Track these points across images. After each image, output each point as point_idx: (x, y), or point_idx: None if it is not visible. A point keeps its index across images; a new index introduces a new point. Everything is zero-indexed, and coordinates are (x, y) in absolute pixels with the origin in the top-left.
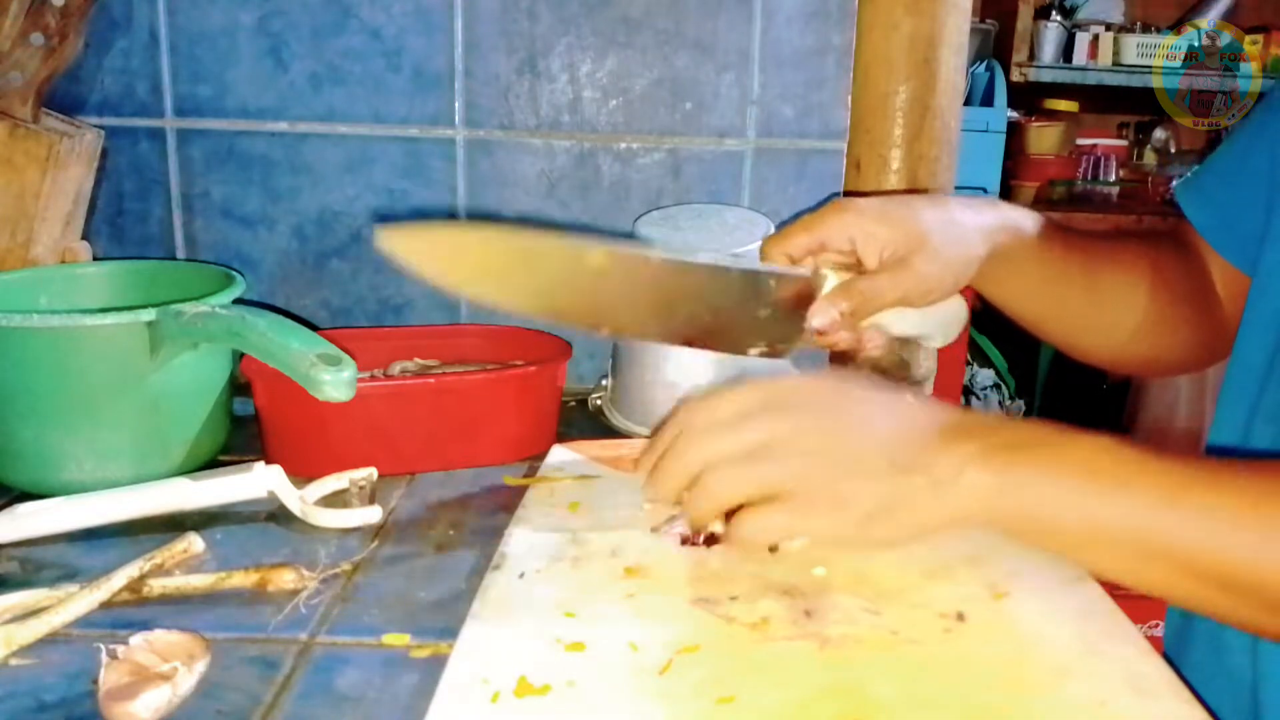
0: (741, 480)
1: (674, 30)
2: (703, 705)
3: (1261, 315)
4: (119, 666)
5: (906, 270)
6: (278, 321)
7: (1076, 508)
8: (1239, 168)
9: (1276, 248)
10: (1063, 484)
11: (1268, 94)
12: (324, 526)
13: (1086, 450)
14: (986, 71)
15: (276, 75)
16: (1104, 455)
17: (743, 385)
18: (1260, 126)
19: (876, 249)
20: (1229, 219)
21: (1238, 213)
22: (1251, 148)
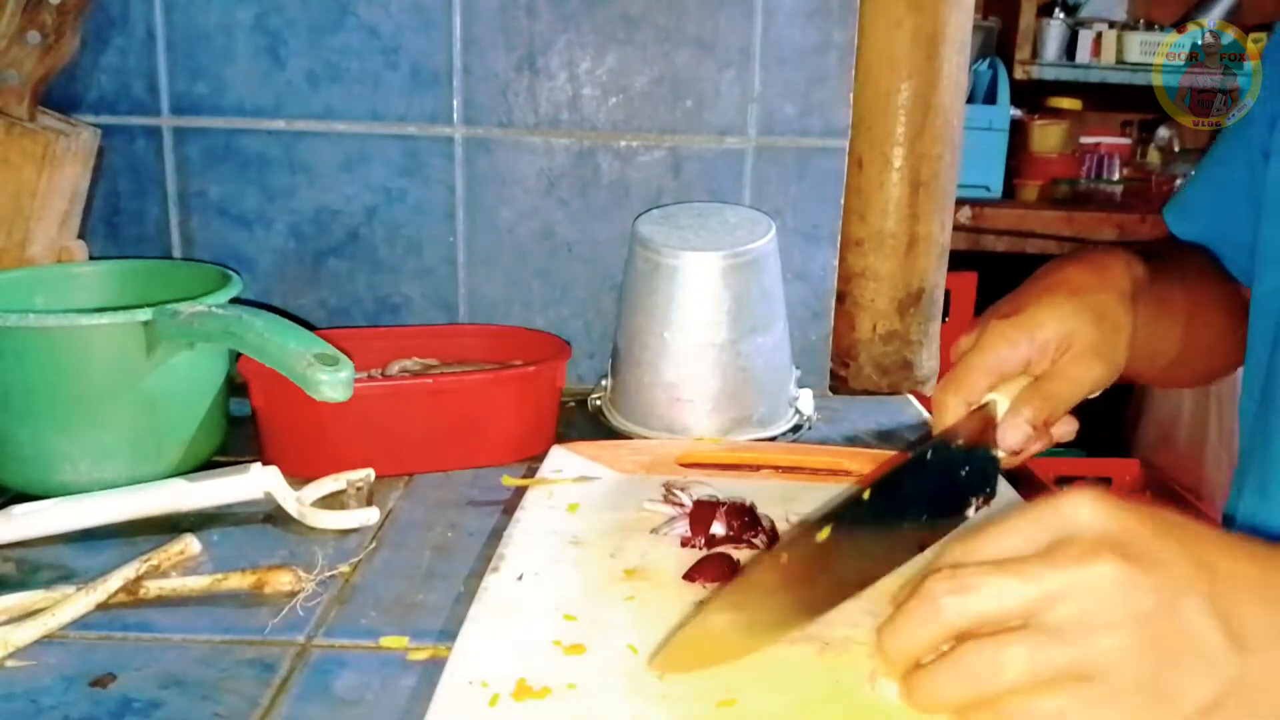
0: (1017, 663)
1: (674, 27)
2: (703, 708)
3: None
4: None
5: (1091, 359)
6: (274, 321)
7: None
8: (1222, 181)
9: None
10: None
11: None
12: (321, 528)
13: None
14: (989, 69)
15: (273, 73)
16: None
17: (1014, 518)
18: (1238, 139)
19: (1049, 357)
20: (1218, 235)
21: (1226, 227)
22: (1230, 158)
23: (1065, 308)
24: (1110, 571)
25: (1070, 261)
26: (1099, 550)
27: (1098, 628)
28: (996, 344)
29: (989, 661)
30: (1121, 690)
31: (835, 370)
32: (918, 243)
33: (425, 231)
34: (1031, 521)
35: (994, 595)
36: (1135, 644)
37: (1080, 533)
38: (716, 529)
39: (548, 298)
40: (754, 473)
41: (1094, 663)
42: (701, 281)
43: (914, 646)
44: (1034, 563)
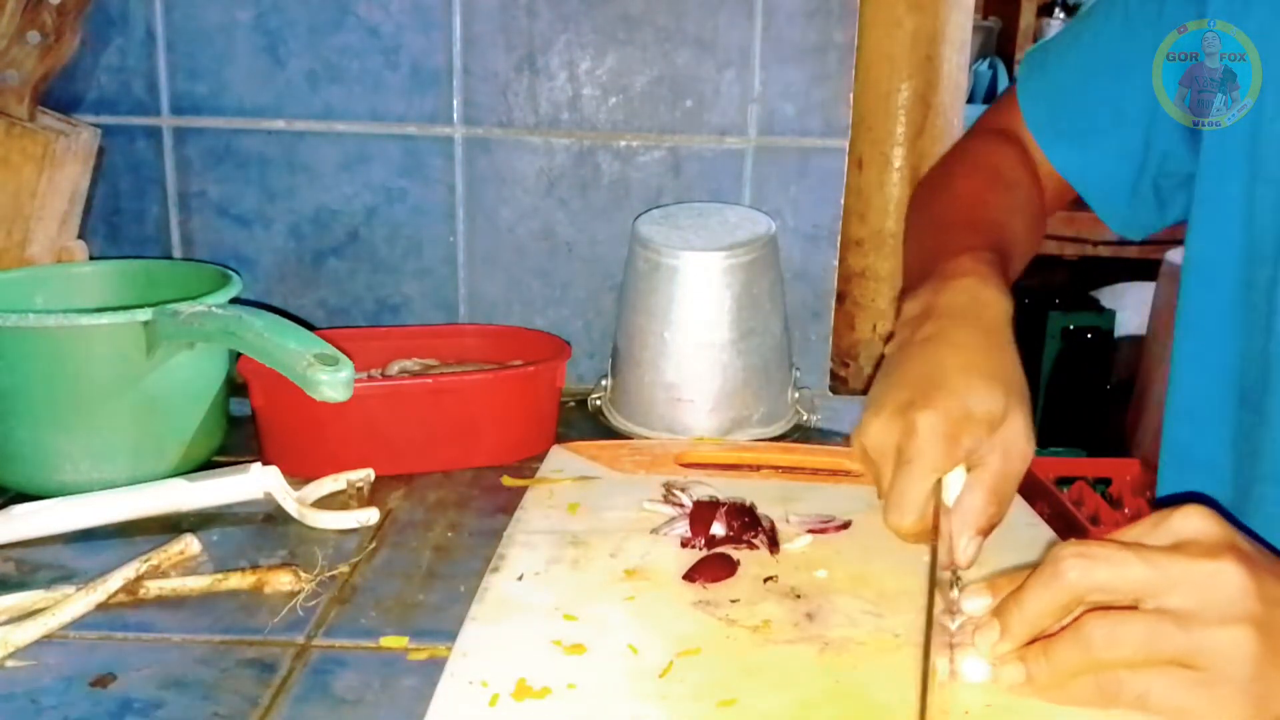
0: (1134, 640)
1: (674, 27)
2: (703, 708)
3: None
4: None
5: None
6: (274, 321)
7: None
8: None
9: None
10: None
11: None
12: (321, 528)
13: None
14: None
15: (274, 73)
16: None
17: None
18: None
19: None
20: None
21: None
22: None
23: (984, 387)
24: (1231, 570)
25: (949, 322)
26: (1220, 550)
27: (1213, 620)
28: (936, 445)
29: (1109, 633)
30: (1220, 682)
31: (835, 370)
32: None
33: (425, 231)
34: (1149, 529)
35: (1118, 568)
36: (1244, 642)
37: (1197, 536)
38: (716, 529)
39: (548, 298)
40: (754, 473)
41: (1202, 652)
42: (701, 281)
43: (1039, 613)
44: (1159, 550)
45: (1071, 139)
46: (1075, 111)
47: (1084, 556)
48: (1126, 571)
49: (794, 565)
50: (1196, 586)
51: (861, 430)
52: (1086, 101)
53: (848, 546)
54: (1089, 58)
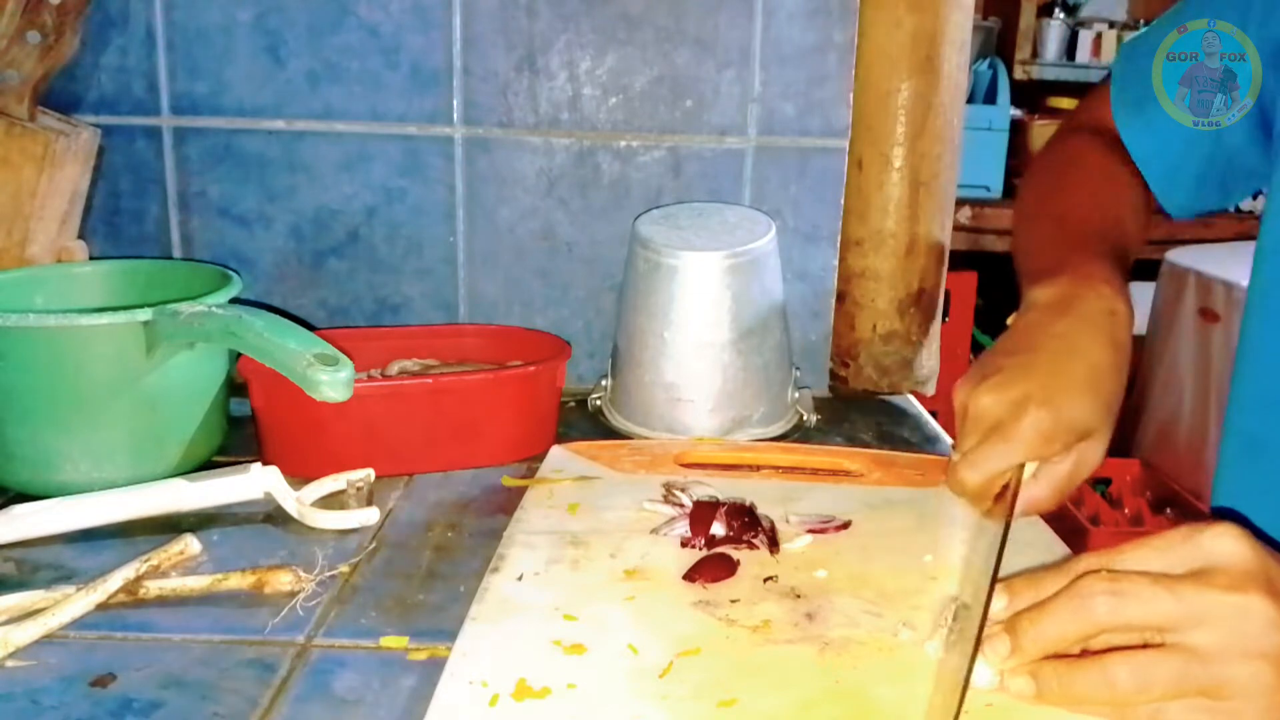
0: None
1: (674, 27)
2: (703, 708)
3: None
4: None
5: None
6: (274, 321)
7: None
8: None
9: None
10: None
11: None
12: (321, 528)
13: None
14: (989, 69)
15: (274, 73)
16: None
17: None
18: None
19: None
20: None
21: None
22: None
23: (1095, 405)
24: (1258, 605)
25: (1092, 334)
26: (1247, 583)
27: (1237, 655)
28: (1037, 440)
29: (1138, 676)
30: (1236, 711)
31: (835, 370)
32: (918, 243)
33: (425, 231)
34: (1177, 545)
35: (1147, 606)
36: (1264, 675)
37: (1227, 563)
38: (716, 529)
39: (548, 298)
40: (754, 473)
41: (1227, 686)
42: (701, 281)
43: (1058, 638)
44: (1187, 583)
45: (1150, 131)
46: (1150, 101)
47: (1115, 594)
48: (1155, 608)
49: (794, 565)
50: (1223, 622)
51: (975, 391)
52: None
53: (848, 546)
54: None
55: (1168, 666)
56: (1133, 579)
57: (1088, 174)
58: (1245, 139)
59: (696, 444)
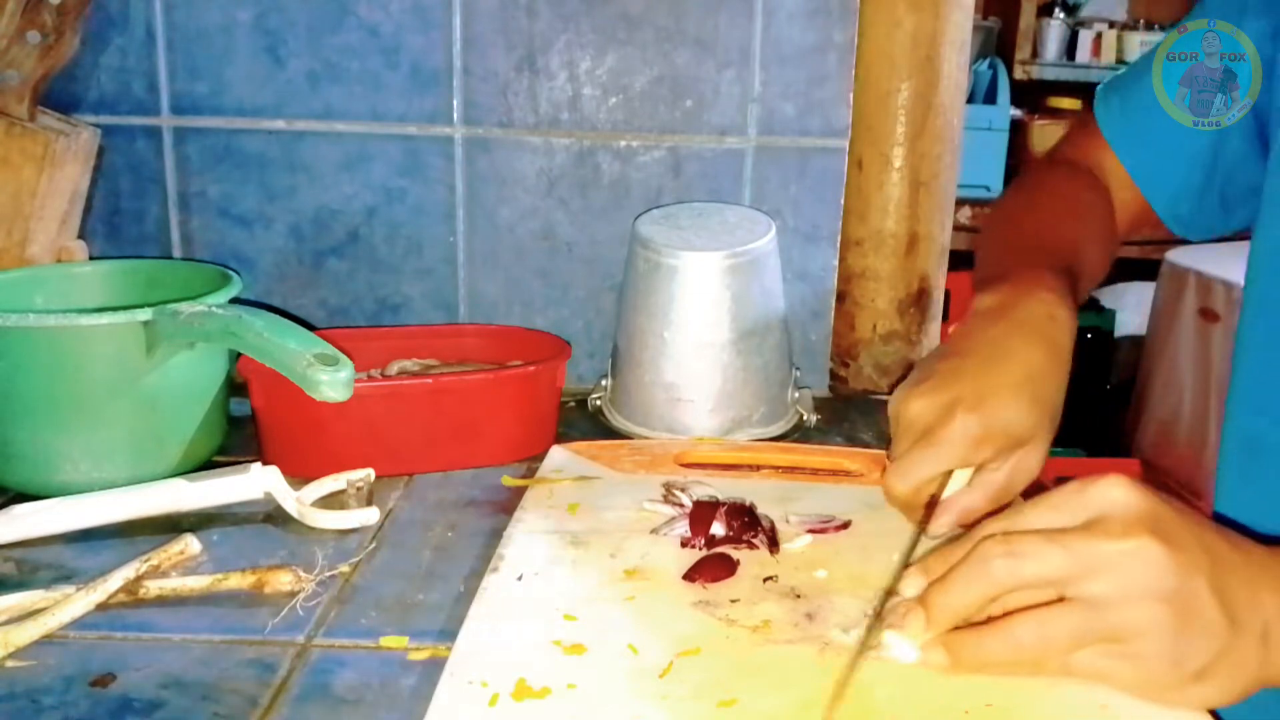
0: (1063, 634)
1: (674, 27)
2: (703, 708)
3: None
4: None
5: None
6: (274, 321)
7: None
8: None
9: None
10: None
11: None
12: (321, 528)
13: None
14: (989, 69)
15: (274, 73)
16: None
17: (1051, 498)
18: None
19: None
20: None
21: (1177, 166)
22: None
23: (1028, 409)
24: (1148, 548)
25: (1026, 339)
26: (1134, 528)
27: (1133, 599)
28: (964, 445)
29: (1039, 632)
30: (1140, 652)
31: (835, 370)
32: (918, 243)
33: (425, 231)
34: (1070, 499)
35: (1042, 561)
36: (1161, 615)
37: (1116, 511)
38: (716, 529)
39: (548, 298)
40: (754, 473)
41: (1124, 628)
42: (701, 281)
43: (965, 606)
44: (1078, 535)
45: (1144, 142)
46: (1148, 118)
47: (1010, 555)
48: (1049, 564)
49: (794, 565)
50: (1115, 569)
51: (905, 397)
52: (1159, 108)
53: (847, 546)
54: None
55: (1066, 619)
56: (1026, 538)
57: (1054, 201)
58: (1243, 152)
59: (696, 444)
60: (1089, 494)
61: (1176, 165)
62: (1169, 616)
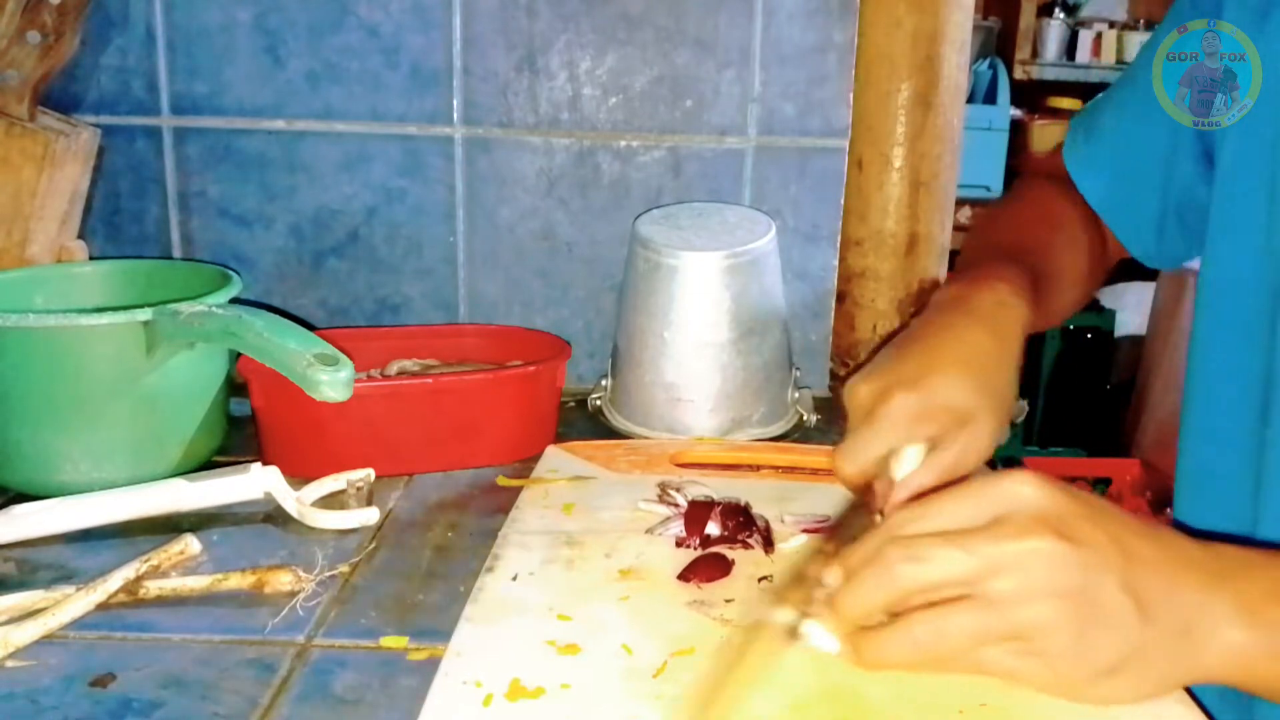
0: (963, 634)
1: (674, 27)
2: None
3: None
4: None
5: (986, 439)
6: (274, 321)
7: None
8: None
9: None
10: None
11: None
12: (321, 528)
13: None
14: (989, 69)
15: (274, 73)
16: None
17: (968, 489)
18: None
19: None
20: (1121, 203)
21: (1135, 193)
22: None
23: (966, 388)
24: (1046, 547)
25: (970, 320)
26: (1036, 527)
27: (1033, 597)
28: (902, 421)
29: (935, 630)
30: (1047, 649)
31: (835, 370)
32: (918, 243)
33: (425, 231)
34: (976, 496)
35: (943, 565)
36: (1063, 613)
37: (1020, 510)
38: (711, 529)
39: (548, 298)
40: (753, 472)
41: (1026, 627)
42: (701, 281)
43: (867, 607)
44: (979, 536)
45: (1099, 171)
46: (1104, 146)
47: (912, 560)
48: (951, 566)
49: (789, 565)
50: (1015, 569)
51: (852, 383)
52: (1115, 137)
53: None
54: (1121, 94)
55: (964, 618)
56: (928, 541)
57: (1028, 209)
58: (1195, 175)
59: (692, 444)
60: (995, 492)
61: (1132, 196)
62: (1072, 614)
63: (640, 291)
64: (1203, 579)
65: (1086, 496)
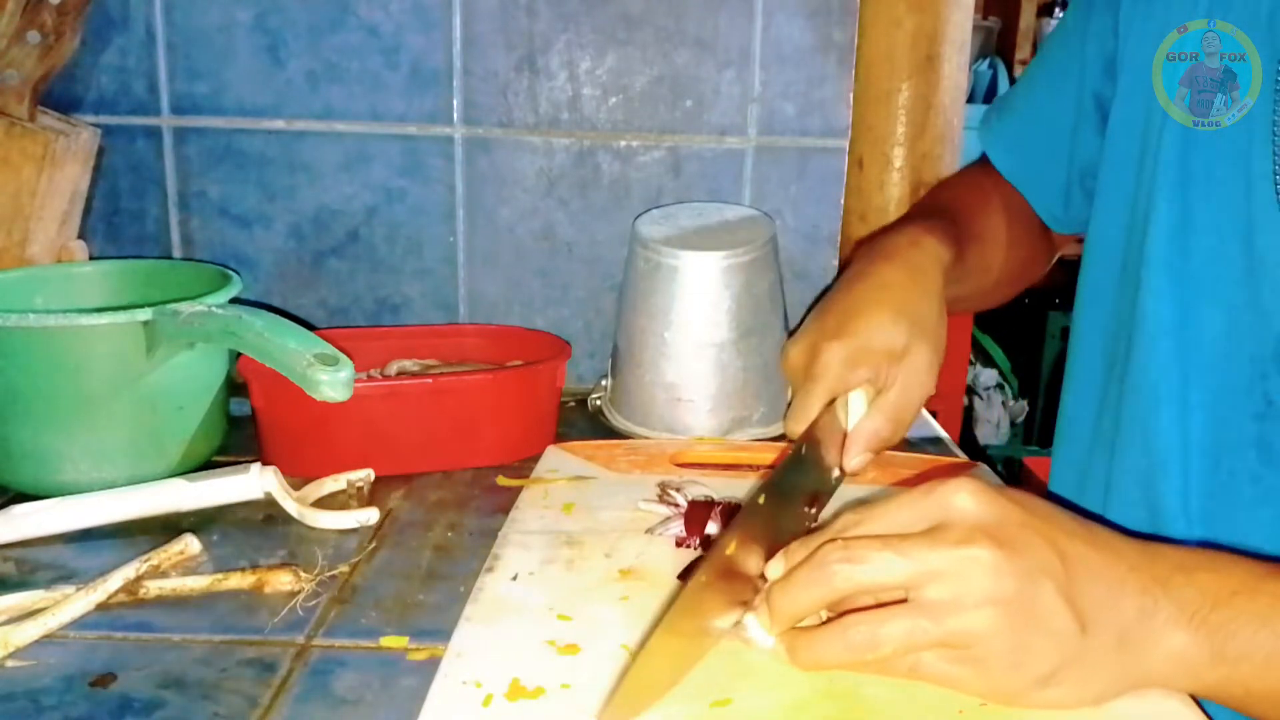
0: (894, 639)
1: (674, 27)
2: (697, 708)
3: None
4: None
5: (923, 374)
6: (274, 321)
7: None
8: (1046, 118)
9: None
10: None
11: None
12: (321, 528)
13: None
14: (989, 69)
15: (274, 73)
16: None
17: (904, 498)
18: (1063, 72)
19: (883, 371)
20: (1032, 174)
21: (1041, 168)
22: (1057, 90)
23: (890, 323)
24: (983, 555)
25: (883, 262)
26: (974, 536)
27: (968, 605)
28: (831, 370)
29: (870, 634)
30: (983, 657)
31: None
32: None
33: (425, 231)
34: (917, 503)
35: (880, 568)
36: (998, 621)
37: (959, 518)
38: (711, 529)
39: (548, 298)
40: (753, 472)
41: (961, 634)
42: (701, 281)
43: (803, 606)
44: (917, 542)
45: (1009, 143)
46: (1014, 120)
47: (849, 561)
48: (887, 571)
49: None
50: (951, 576)
51: (785, 349)
52: (1024, 110)
53: None
54: (1029, 74)
55: (897, 623)
56: (866, 544)
57: (954, 184)
58: (1094, 145)
59: (693, 444)
60: (935, 499)
61: (1040, 164)
62: (1007, 622)
63: (640, 291)
64: (1143, 583)
65: (1027, 501)
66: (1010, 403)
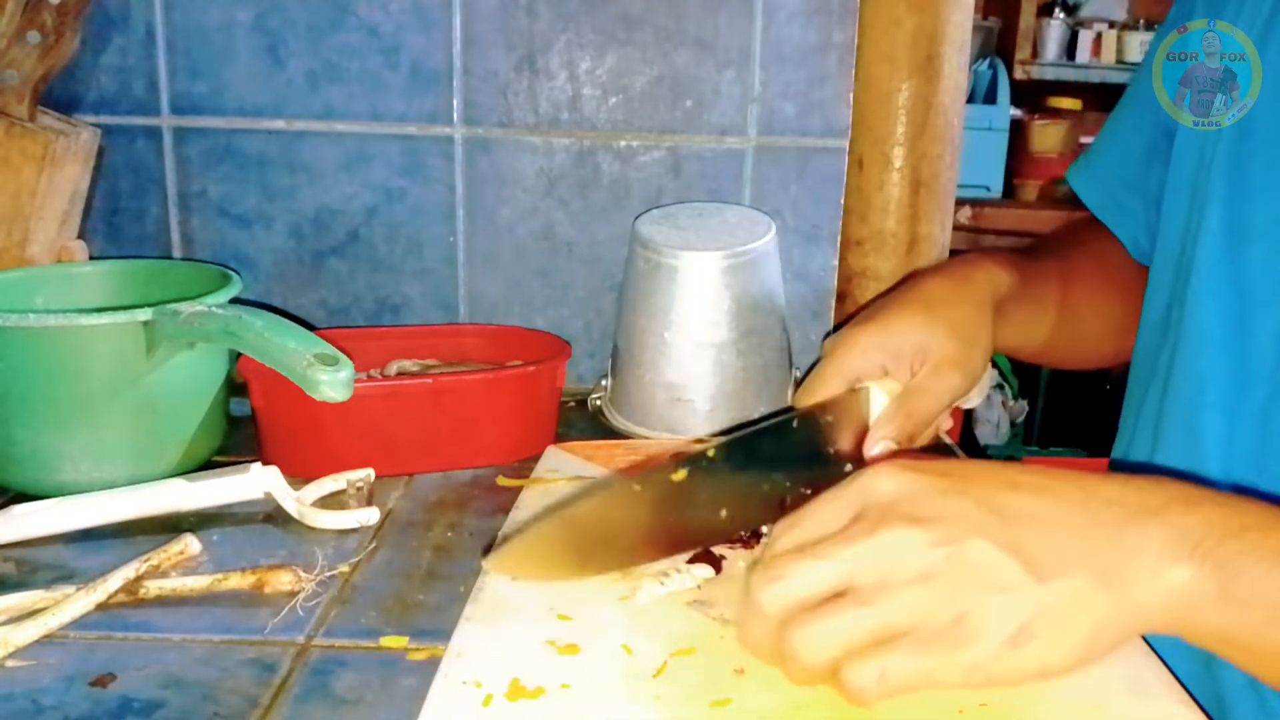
0: (831, 636)
1: (674, 27)
2: (697, 708)
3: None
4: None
5: (949, 372)
6: (274, 321)
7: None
8: (1125, 151)
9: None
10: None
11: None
12: (321, 528)
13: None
14: (990, 69)
15: (274, 73)
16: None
17: (829, 493)
18: (1142, 107)
19: (906, 367)
20: (1114, 205)
21: (1123, 199)
22: (1136, 125)
23: (919, 320)
24: (899, 535)
25: (932, 274)
26: (886, 518)
27: (896, 585)
28: (849, 352)
29: (806, 640)
30: (932, 637)
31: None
32: (918, 243)
33: (425, 231)
34: (840, 496)
35: (803, 579)
36: (932, 595)
37: (874, 502)
38: None
39: (548, 298)
40: None
41: (900, 619)
42: (701, 281)
43: (758, 638)
44: (835, 540)
45: (1094, 178)
46: (1098, 155)
47: (774, 580)
48: (811, 580)
49: None
50: (873, 563)
51: (822, 345)
52: (1108, 144)
53: None
54: (1118, 106)
55: (832, 619)
56: (784, 559)
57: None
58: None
59: (693, 444)
60: (855, 488)
61: (1123, 199)
62: (943, 591)
63: (640, 291)
64: (1124, 515)
65: (955, 469)
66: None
